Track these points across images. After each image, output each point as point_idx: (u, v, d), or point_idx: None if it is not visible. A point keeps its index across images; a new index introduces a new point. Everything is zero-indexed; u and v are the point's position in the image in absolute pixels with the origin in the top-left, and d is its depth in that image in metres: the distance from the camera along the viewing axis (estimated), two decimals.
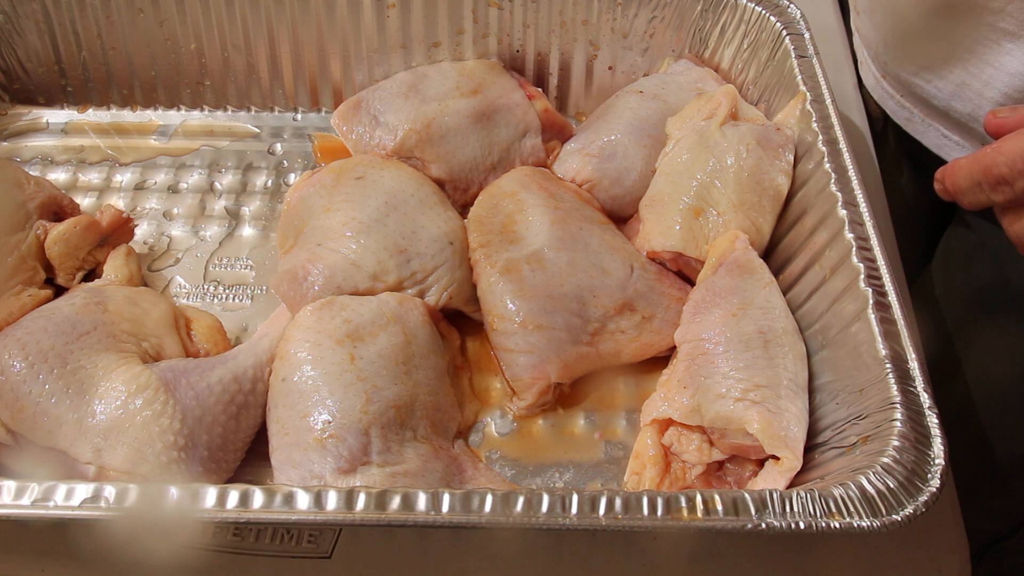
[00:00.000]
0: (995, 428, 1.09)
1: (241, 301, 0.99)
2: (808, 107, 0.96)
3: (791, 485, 0.76)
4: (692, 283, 0.95)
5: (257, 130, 1.18)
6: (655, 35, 1.14)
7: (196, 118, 1.19)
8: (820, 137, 0.92)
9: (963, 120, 0.99)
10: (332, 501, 0.67)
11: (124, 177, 1.12)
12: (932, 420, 0.72)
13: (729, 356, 0.83)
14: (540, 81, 1.18)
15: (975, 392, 1.10)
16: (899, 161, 1.22)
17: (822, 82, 0.98)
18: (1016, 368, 1.06)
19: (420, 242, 0.93)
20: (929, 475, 0.69)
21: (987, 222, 1.06)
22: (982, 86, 0.95)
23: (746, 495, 0.67)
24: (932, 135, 1.05)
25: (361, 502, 0.67)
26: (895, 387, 0.73)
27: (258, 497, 0.67)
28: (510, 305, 0.89)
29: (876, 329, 0.77)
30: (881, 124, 1.21)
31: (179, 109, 1.19)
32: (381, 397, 0.80)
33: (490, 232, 0.95)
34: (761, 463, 0.81)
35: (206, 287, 1.00)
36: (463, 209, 1.02)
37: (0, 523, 0.78)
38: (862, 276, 0.80)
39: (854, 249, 0.82)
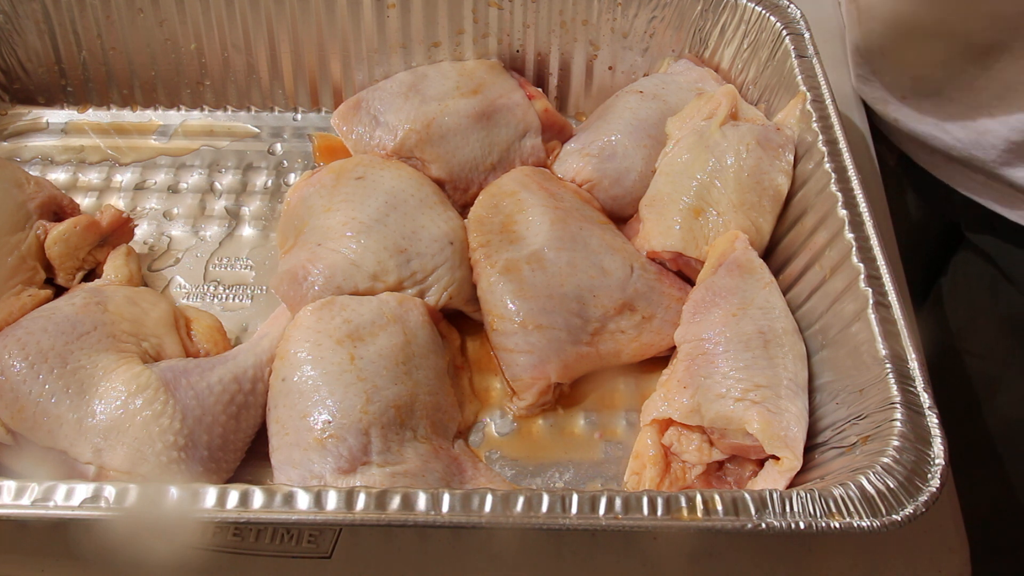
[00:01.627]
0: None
1: (241, 301, 0.99)
2: (808, 107, 0.96)
3: (791, 485, 0.76)
4: (692, 283, 0.95)
5: (257, 130, 1.18)
6: (655, 35, 1.14)
7: (196, 118, 1.19)
8: (820, 137, 0.92)
9: (988, 167, 0.97)
10: (332, 501, 0.67)
11: (124, 177, 1.12)
12: (932, 420, 0.72)
13: (729, 356, 0.83)
14: (540, 81, 1.18)
15: (1003, 427, 1.09)
16: (905, 186, 1.21)
17: (822, 82, 0.98)
18: None
19: (420, 242, 0.93)
20: (929, 475, 0.69)
21: (1008, 251, 1.06)
22: (1008, 131, 0.94)
23: (746, 495, 0.67)
24: (958, 177, 1.04)
25: (361, 502, 0.67)
26: (895, 387, 0.73)
27: (258, 497, 0.67)
28: (510, 305, 0.89)
29: (876, 329, 0.77)
30: (895, 160, 1.20)
31: (179, 109, 1.19)
32: (381, 397, 0.80)
33: (490, 232, 0.95)
34: (761, 463, 0.81)
35: (206, 287, 1.00)
36: (463, 209, 1.02)
37: (0, 523, 0.79)
38: (862, 276, 0.80)
39: (854, 249, 0.82)
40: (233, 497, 0.67)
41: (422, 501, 0.67)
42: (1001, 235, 1.06)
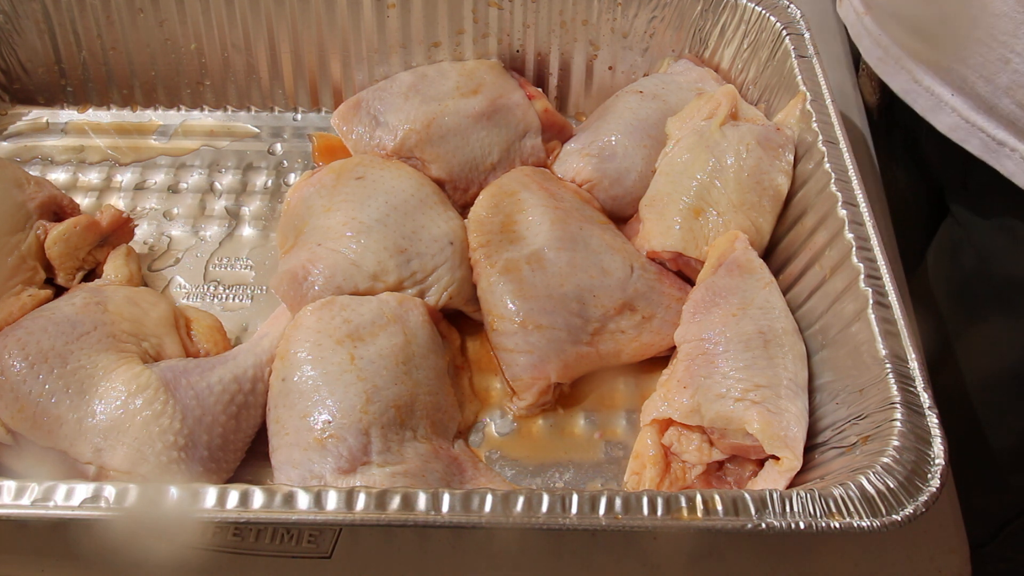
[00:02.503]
0: (978, 422, 1.09)
1: (241, 301, 0.99)
2: (808, 107, 0.96)
3: (791, 485, 0.76)
4: (692, 283, 0.95)
5: (257, 130, 1.18)
6: (655, 35, 1.14)
7: (196, 118, 1.19)
8: (820, 137, 0.92)
9: (944, 62, 0.95)
10: (332, 501, 0.67)
11: (124, 177, 1.12)
12: (932, 420, 0.72)
13: (729, 356, 0.83)
14: (540, 81, 1.18)
15: (958, 386, 1.10)
16: (894, 156, 1.21)
17: (822, 82, 0.98)
18: (997, 361, 1.06)
19: (420, 242, 0.93)
20: (929, 475, 0.69)
21: (973, 215, 1.06)
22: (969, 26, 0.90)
23: (746, 495, 0.67)
24: (901, 78, 1.02)
25: (361, 502, 0.67)
26: (895, 387, 0.73)
27: (258, 497, 0.67)
28: (510, 305, 0.89)
29: (876, 329, 0.77)
30: (876, 114, 1.20)
31: (179, 109, 1.19)
32: (381, 397, 0.80)
33: (490, 232, 0.95)
34: (761, 463, 0.81)
35: (206, 287, 1.00)
36: (463, 209, 1.02)
37: (0, 523, 0.79)
38: (862, 276, 0.80)
39: (854, 249, 0.82)
40: (233, 497, 0.67)
41: (422, 501, 0.67)
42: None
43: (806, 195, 0.93)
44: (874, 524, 0.66)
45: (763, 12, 1.07)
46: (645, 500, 0.67)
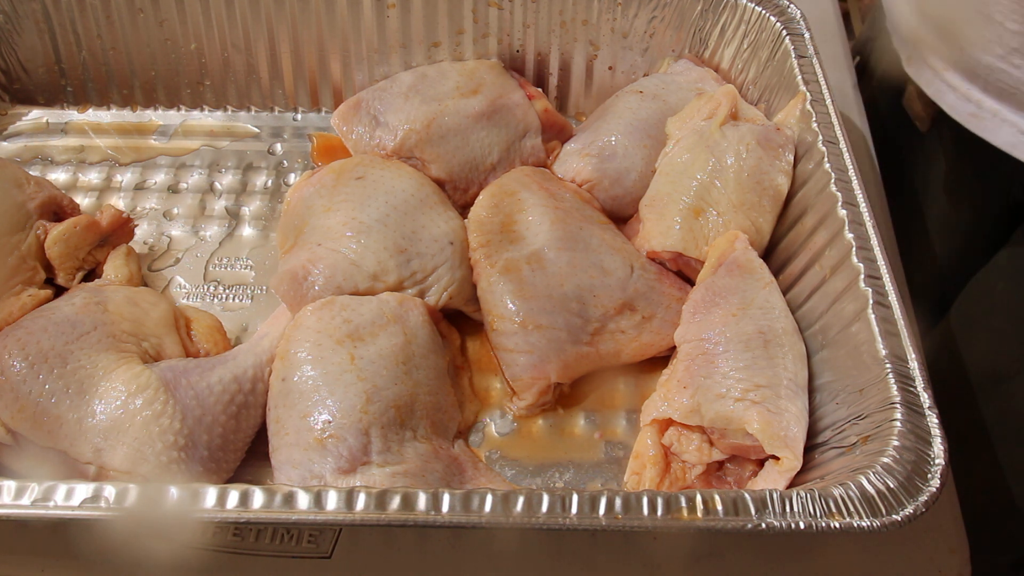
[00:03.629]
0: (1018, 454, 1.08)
1: (241, 301, 0.99)
2: (808, 107, 0.96)
3: (791, 485, 0.76)
4: (692, 283, 0.95)
5: (257, 130, 1.18)
6: (655, 35, 1.14)
7: (196, 118, 1.19)
8: (820, 137, 0.92)
9: None
10: (332, 501, 0.67)
11: (124, 177, 1.12)
12: (932, 420, 0.72)
13: (729, 356, 0.83)
14: (540, 81, 1.18)
15: (1015, 418, 1.08)
16: (959, 163, 1.17)
17: (822, 82, 0.98)
18: None
19: (420, 242, 0.93)
20: (929, 475, 0.69)
21: None
22: None
23: (746, 495, 0.67)
24: (1006, 132, 0.97)
25: (361, 502, 0.67)
26: (895, 387, 0.73)
27: (258, 497, 0.67)
28: (510, 305, 0.89)
29: (876, 329, 0.77)
30: (928, 125, 1.15)
31: (179, 109, 1.19)
32: (381, 397, 0.80)
33: (490, 232, 0.95)
34: (761, 463, 0.81)
35: (206, 287, 1.00)
36: (463, 209, 1.02)
37: (0, 523, 0.79)
38: (862, 276, 0.80)
39: (854, 249, 0.82)
40: (233, 497, 0.67)
41: (422, 501, 0.67)
42: None
43: (806, 195, 0.93)
44: (874, 524, 0.66)
45: (763, 12, 1.07)
46: (645, 500, 0.67)
